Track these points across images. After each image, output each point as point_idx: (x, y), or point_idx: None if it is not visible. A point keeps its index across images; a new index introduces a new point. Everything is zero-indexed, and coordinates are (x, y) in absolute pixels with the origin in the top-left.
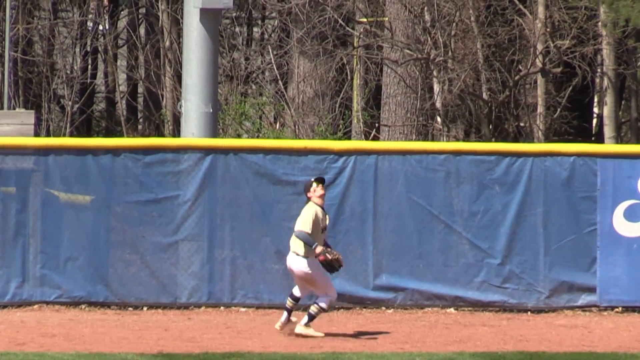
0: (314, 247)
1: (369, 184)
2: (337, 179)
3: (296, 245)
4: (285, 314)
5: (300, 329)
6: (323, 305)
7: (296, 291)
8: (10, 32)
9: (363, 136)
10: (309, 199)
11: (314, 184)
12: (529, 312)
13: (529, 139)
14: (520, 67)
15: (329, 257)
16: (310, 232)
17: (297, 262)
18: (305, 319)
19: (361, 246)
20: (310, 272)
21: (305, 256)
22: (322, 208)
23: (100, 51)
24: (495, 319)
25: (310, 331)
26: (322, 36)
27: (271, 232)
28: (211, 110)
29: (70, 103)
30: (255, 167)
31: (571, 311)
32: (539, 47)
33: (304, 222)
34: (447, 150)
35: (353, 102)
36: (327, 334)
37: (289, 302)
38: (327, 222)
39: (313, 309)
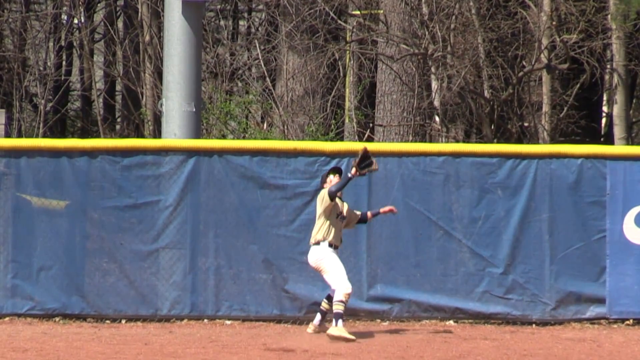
0: (350, 172)
1: (362, 188)
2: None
3: (311, 237)
4: (318, 316)
5: (333, 331)
6: (342, 298)
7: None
8: None
9: (356, 137)
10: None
11: (330, 175)
12: (533, 325)
13: (534, 139)
14: (524, 63)
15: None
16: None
17: (311, 252)
18: (334, 321)
19: (354, 254)
20: (321, 257)
21: (317, 242)
22: (340, 198)
23: (76, 46)
24: (498, 332)
25: (343, 332)
26: (312, 30)
27: (258, 239)
28: (194, 109)
29: (43, 101)
30: (241, 170)
31: (579, 324)
32: (545, 41)
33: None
34: (446, 152)
35: (345, 100)
36: (317, 349)
37: (323, 304)
38: (345, 209)
39: (337, 307)
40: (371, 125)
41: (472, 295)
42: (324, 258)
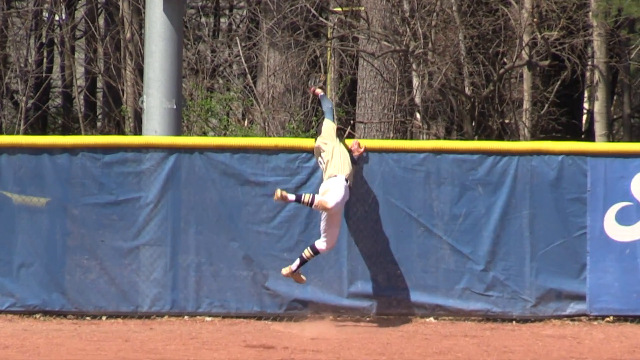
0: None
1: None
2: (310, 180)
3: (331, 169)
4: (297, 261)
5: (286, 271)
6: (322, 247)
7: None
8: None
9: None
10: None
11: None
12: (514, 322)
13: (515, 136)
14: (505, 60)
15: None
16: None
17: (332, 182)
18: (297, 262)
19: (335, 251)
20: (341, 201)
21: (347, 179)
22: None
23: (57, 43)
24: (478, 329)
25: (296, 276)
26: (293, 27)
27: (239, 236)
28: (175, 106)
29: (24, 98)
30: (222, 167)
31: (559, 320)
32: (526, 38)
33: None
34: (427, 149)
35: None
36: (297, 345)
37: (306, 252)
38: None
39: (307, 253)
40: (352, 122)
41: (453, 292)
42: (340, 205)
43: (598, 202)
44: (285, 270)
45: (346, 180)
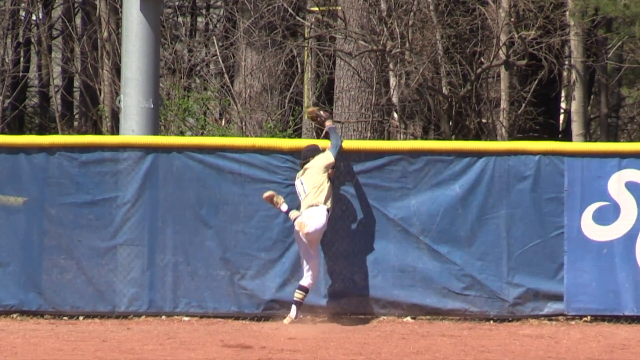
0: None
1: None
2: (287, 180)
3: (321, 200)
4: (293, 307)
5: (289, 321)
6: (310, 282)
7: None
8: None
9: (314, 133)
10: None
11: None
12: (491, 322)
13: (492, 136)
14: (482, 60)
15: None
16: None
17: (314, 211)
18: (294, 309)
19: None
20: (323, 228)
21: (329, 210)
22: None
23: (34, 42)
24: (455, 329)
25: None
26: (270, 26)
27: (216, 236)
28: (152, 106)
29: (1, 98)
30: (200, 167)
31: (537, 320)
32: (503, 38)
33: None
34: (404, 149)
35: (304, 97)
36: (274, 345)
37: (297, 295)
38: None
39: (299, 296)
40: None
41: (430, 292)
42: (320, 234)
43: (575, 201)
44: (287, 321)
45: (328, 210)
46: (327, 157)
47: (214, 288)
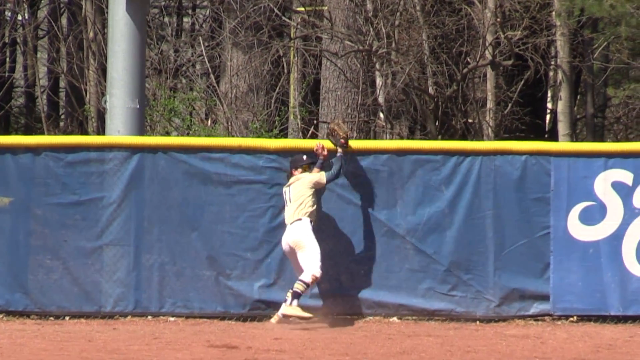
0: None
1: None
2: (273, 180)
3: (291, 216)
4: (283, 306)
5: (286, 309)
6: (307, 280)
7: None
8: None
9: (300, 133)
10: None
11: (300, 169)
12: (477, 322)
13: (478, 136)
14: (468, 60)
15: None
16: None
17: (293, 229)
18: (290, 298)
19: None
20: (305, 234)
21: (299, 219)
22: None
23: (19, 43)
24: (442, 329)
25: (297, 311)
26: (256, 26)
27: (202, 236)
28: (138, 106)
29: None
30: (186, 167)
31: (523, 320)
32: (489, 38)
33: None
34: (391, 149)
35: (290, 97)
36: (260, 345)
37: (289, 295)
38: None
39: (298, 286)
40: (315, 121)
41: (416, 292)
42: (307, 235)
43: (561, 201)
44: (283, 310)
45: (311, 222)
46: (319, 178)
47: (200, 288)
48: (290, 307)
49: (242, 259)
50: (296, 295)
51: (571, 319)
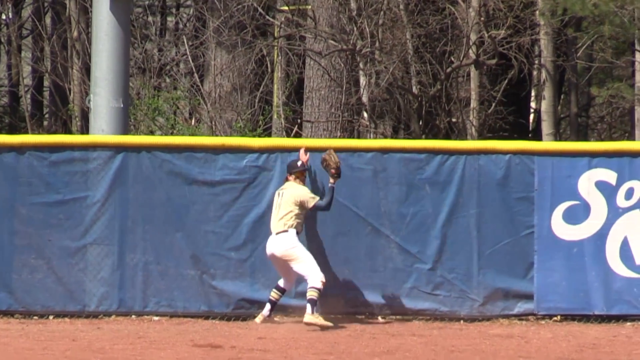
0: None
1: None
2: (257, 179)
3: (277, 226)
4: (267, 306)
5: (309, 318)
6: (318, 285)
7: (282, 282)
8: None
9: (284, 133)
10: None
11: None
12: (461, 321)
13: (462, 135)
14: (452, 59)
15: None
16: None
17: (279, 240)
18: (309, 307)
19: None
20: (293, 245)
21: (285, 230)
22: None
23: (3, 42)
24: (426, 328)
25: (320, 320)
26: (240, 26)
27: (186, 235)
28: (122, 105)
29: None
30: (169, 166)
31: (507, 320)
32: (473, 37)
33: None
34: (374, 148)
35: (274, 96)
36: (244, 345)
37: (273, 294)
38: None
39: (311, 294)
40: (299, 121)
41: (401, 291)
42: (296, 246)
43: (545, 201)
44: (316, 320)
45: (297, 233)
46: (308, 202)
47: (183, 287)
48: (312, 316)
49: (226, 258)
50: (313, 303)
51: (555, 318)
